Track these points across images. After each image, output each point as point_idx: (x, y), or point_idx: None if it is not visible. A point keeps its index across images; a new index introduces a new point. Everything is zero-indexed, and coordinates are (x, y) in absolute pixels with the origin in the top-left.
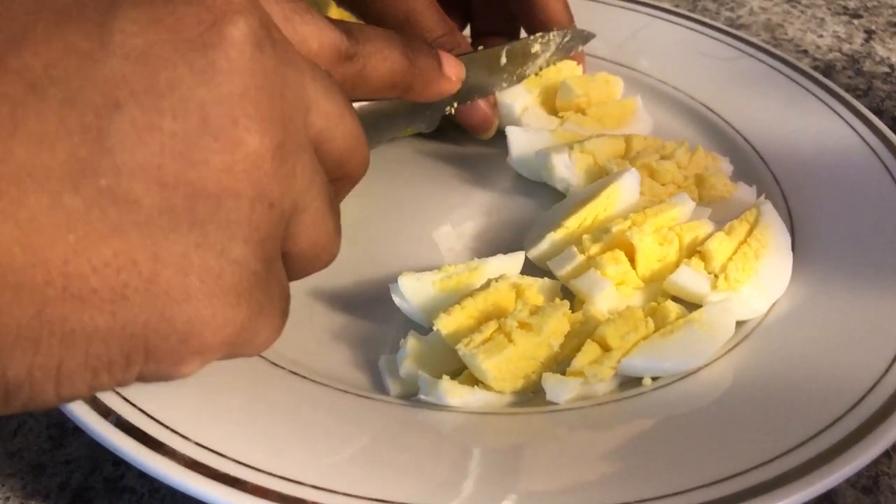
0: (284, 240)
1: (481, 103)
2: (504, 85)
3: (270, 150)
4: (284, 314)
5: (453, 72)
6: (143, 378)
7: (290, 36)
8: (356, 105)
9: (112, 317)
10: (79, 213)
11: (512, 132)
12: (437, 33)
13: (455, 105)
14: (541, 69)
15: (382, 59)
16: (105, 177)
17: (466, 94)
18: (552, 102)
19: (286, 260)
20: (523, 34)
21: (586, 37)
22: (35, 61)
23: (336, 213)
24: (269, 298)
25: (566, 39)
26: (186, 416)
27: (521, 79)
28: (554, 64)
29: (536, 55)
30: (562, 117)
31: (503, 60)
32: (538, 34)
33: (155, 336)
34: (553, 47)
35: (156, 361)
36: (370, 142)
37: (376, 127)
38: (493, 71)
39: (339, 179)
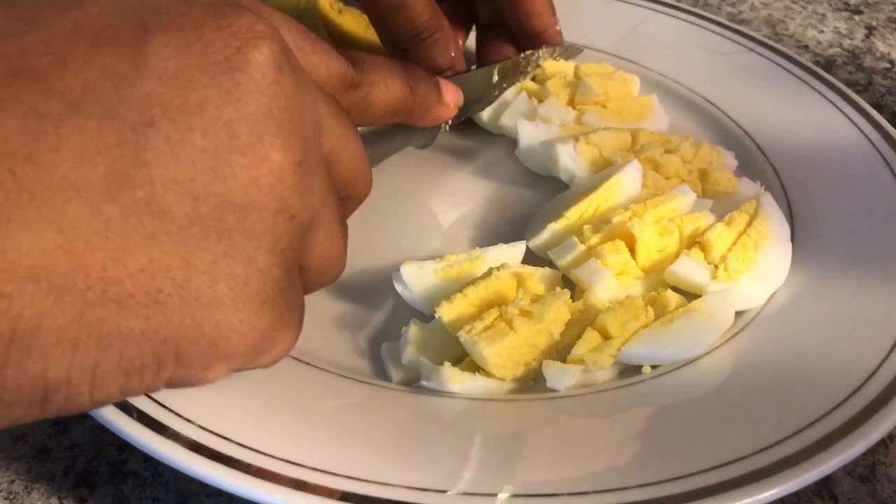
0: (301, 252)
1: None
2: (495, 94)
3: (292, 166)
4: (300, 324)
5: (452, 98)
6: (171, 383)
7: (301, 64)
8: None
9: (146, 320)
10: (117, 222)
11: (522, 124)
12: (424, 17)
13: (450, 123)
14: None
15: (385, 88)
16: (141, 189)
17: (461, 111)
18: (571, 95)
19: (301, 273)
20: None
21: (575, 51)
22: (76, 82)
23: (345, 230)
24: (288, 307)
25: (555, 55)
26: (190, 400)
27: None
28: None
29: (526, 72)
30: (579, 110)
31: (495, 78)
32: (528, 52)
33: (185, 340)
34: (542, 64)
35: (185, 366)
36: (371, 161)
37: (375, 147)
38: (486, 88)
39: (346, 199)
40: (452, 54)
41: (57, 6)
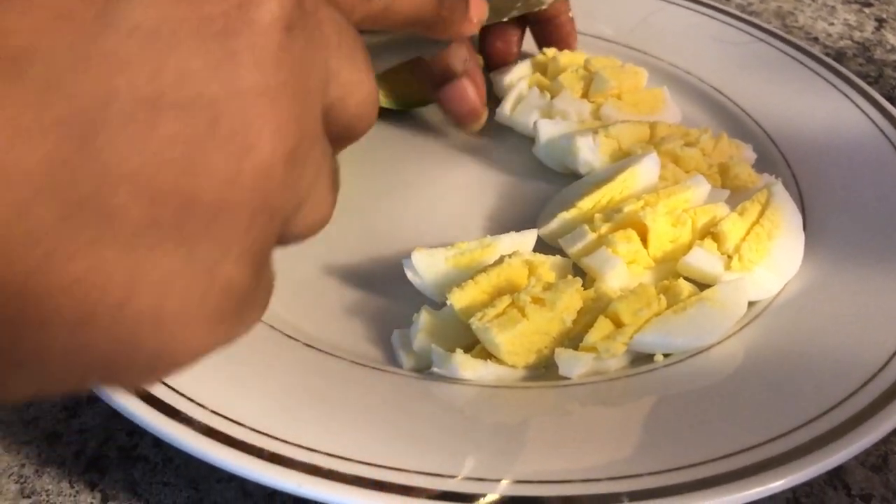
0: (281, 230)
1: (469, 92)
2: (515, 12)
3: (283, 157)
4: (265, 307)
5: (477, 14)
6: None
7: None
8: None
9: (71, 337)
10: (51, 223)
11: (541, 123)
12: None
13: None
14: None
15: None
16: (87, 182)
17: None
18: (584, 88)
19: (279, 240)
20: None
21: None
22: (19, 27)
23: (336, 184)
24: (252, 307)
25: None
26: (203, 385)
27: (529, 7)
28: None
29: None
30: (594, 103)
31: None
32: None
33: (117, 364)
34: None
35: (116, 380)
36: (377, 68)
37: (378, 58)
38: (504, 2)
39: (341, 139)
40: None
41: None
